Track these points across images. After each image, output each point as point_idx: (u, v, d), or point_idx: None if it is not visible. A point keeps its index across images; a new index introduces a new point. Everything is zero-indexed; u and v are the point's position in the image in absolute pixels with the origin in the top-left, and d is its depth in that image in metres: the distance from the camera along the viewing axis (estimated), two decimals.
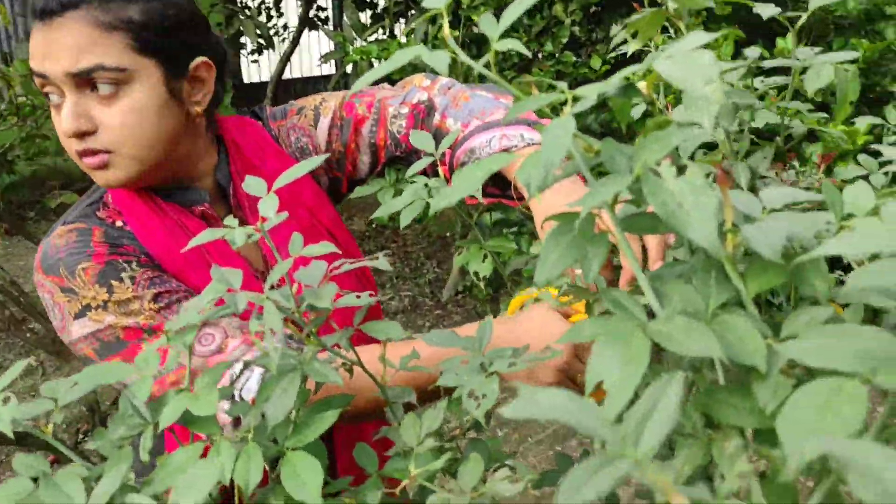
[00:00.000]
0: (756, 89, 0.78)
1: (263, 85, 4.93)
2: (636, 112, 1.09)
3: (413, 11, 4.21)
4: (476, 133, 0.89)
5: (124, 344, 0.83)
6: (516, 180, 0.84)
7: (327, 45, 6.81)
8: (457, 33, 2.92)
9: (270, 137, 1.01)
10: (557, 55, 2.84)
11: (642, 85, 0.41)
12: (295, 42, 4.56)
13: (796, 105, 0.79)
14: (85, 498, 0.50)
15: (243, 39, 4.73)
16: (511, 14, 0.41)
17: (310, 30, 4.94)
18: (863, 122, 1.02)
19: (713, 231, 0.31)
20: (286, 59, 4.57)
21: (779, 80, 0.78)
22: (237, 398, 0.79)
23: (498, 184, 0.91)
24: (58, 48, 0.81)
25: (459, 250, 0.87)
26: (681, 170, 0.35)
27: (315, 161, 0.62)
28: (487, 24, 0.40)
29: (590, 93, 0.36)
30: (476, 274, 0.86)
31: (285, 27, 5.39)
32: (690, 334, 0.32)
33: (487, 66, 0.39)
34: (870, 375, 0.29)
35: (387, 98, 1.00)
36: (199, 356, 0.80)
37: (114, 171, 0.85)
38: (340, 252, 0.62)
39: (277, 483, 0.57)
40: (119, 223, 0.90)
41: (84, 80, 0.82)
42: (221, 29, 4.26)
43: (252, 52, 5.04)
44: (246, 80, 6.79)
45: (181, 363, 0.57)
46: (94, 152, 0.84)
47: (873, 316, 0.45)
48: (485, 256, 0.88)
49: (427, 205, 0.78)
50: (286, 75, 5.46)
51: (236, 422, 0.78)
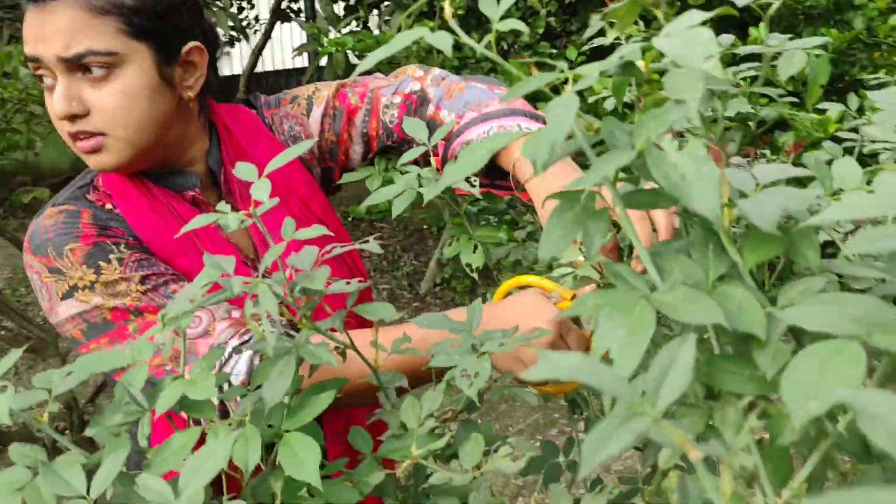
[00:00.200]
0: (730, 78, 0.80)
1: (235, 78, 4.87)
2: (609, 105, 1.11)
3: (387, 2, 4.19)
4: (473, 125, 0.89)
5: (111, 325, 0.83)
6: (518, 161, 0.85)
7: (300, 38, 6.76)
8: (432, 24, 2.92)
9: (264, 125, 1.01)
10: (534, 46, 2.85)
11: (641, 64, 0.41)
12: (267, 34, 4.52)
13: (769, 90, 0.81)
14: (85, 484, 0.49)
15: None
16: None
17: (282, 22, 4.89)
18: (834, 110, 1.04)
19: (716, 201, 0.32)
20: (258, 52, 4.53)
21: (752, 68, 0.80)
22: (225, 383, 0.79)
23: (487, 174, 0.92)
24: (50, 32, 0.81)
25: (450, 240, 0.87)
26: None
27: (305, 145, 0.62)
28: (488, 6, 0.40)
29: (591, 71, 0.36)
30: (469, 266, 0.86)
31: (257, 19, 5.33)
32: (693, 303, 0.33)
33: (488, 48, 0.40)
34: (865, 337, 0.31)
35: (380, 88, 1.00)
36: (187, 339, 0.80)
37: (107, 155, 0.85)
38: (333, 235, 0.62)
39: (274, 467, 0.57)
40: (109, 206, 0.90)
41: (76, 65, 0.82)
42: None
43: (224, 45, 4.98)
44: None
45: (160, 345, 0.57)
46: (88, 135, 0.84)
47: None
48: (475, 247, 0.88)
49: (418, 195, 0.78)
50: (258, 68, 5.40)
51: (222, 408, 0.78)
